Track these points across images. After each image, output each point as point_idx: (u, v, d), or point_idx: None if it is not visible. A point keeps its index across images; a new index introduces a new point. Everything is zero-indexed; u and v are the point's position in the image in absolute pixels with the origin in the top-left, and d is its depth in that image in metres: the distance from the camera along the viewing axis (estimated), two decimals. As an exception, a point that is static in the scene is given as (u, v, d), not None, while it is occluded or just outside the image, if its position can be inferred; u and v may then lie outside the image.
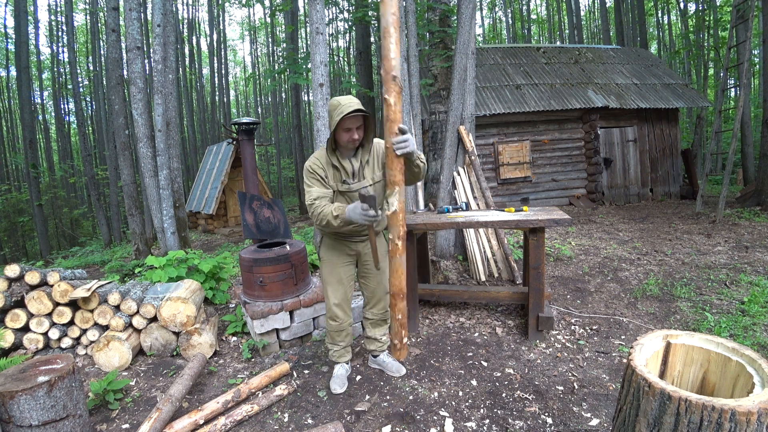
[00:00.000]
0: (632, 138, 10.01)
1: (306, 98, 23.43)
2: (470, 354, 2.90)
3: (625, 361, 2.18)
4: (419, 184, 4.43)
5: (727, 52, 7.77)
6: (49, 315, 3.07)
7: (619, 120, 9.87)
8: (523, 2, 25.65)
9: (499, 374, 2.63)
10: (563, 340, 3.04)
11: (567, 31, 23.56)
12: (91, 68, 18.80)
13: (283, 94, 27.02)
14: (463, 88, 4.62)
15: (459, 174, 4.71)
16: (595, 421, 2.13)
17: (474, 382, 2.56)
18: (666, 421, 1.22)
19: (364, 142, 2.33)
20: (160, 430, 2.09)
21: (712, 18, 16.88)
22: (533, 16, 26.94)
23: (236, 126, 4.76)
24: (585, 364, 2.70)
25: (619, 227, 7.03)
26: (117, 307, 3.14)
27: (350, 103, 2.16)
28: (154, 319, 3.12)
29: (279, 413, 2.36)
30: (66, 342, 3.12)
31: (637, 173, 10.14)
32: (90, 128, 20.26)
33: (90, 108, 20.80)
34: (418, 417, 2.24)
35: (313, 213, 2.22)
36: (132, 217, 6.54)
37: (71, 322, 3.12)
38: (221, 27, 24.21)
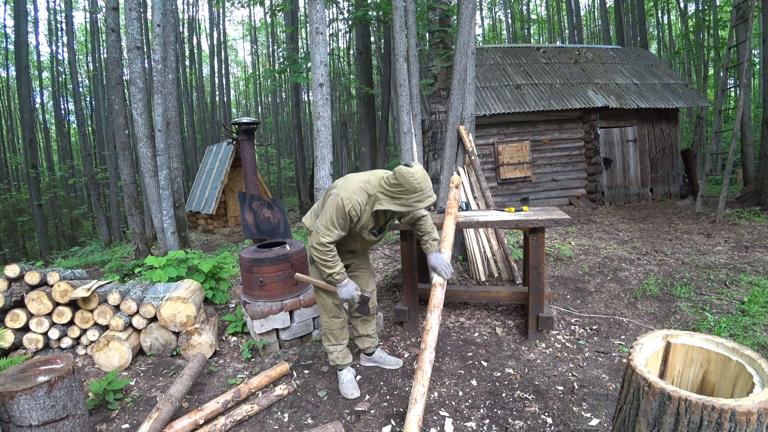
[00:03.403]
0: (632, 138, 10.01)
1: (306, 98, 23.43)
2: (470, 354, 2.90)
3: (625, 361, 2.18)
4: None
5: (727, 52, 7.77)
6: (49, 315, 3.07)
7: (619, 120, 9.87)
8: (523, 2, 25.64)
9: (499, 374, 2.63)
10: (563, 340, 3.04)
11: (567, 31, 23.56)
12: (91, 68, 18.79)
13: (283, 94, 27.03)
14: (463, 88, 4.62)
15: (459, 174, 4.71)
16: (595, 421, 2.13)
17: (474, 382, 2.56)
18: (666, 421, 1.22)
19: None
20: (159, 430, 2.09)
21: (712, 18, 16.88)
22: (533, 16, 26.93)
23: (236, 126, 4.76)
24: (585, 364, 2.70)
25: (619, 227, 7.02)
26: (117, 307, 3.14)
27: (430, 194, 2.12)
28: (154, 319, 3.12)
29: (279, 413, 2.36)
30: (66, 342, 3.12)
31: (637, 173, 10.13)
32: (90, 128, 20.24)
33: (90, 108, 20.79)
34: (418, 417, 2.24)
35: (323, 253, 2.19)
36: (132, 217, 6.53)
37: (71, 322, 3.12)
38: (221, 27, 24.21)
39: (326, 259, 2.20)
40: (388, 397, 2.45)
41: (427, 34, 6.92)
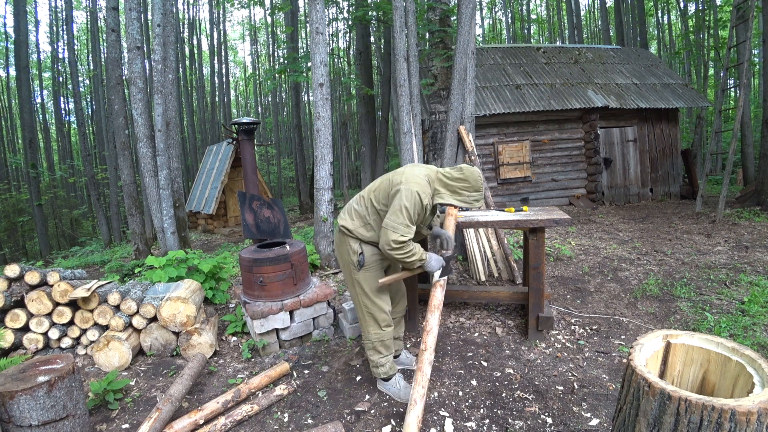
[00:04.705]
0: (632, 138, 10.01)
1: (306, 98, 23.45)
2: (470, 354, 2.90)
3: (625, 361, 2.18)
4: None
5: (727, 52, 7.77)
6: (49, 315, 3.07)
7: (619, 120, 9.87)
8: (523, 2, 25.64)
9: (499, 374, 2.63)
10: (563, 340, 3.04)
11: (567, 31, 23.56)
12: (91, 68, 18.79)
13: (283, 94, 27.03)
14: (463, 88, 4.62)
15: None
16: (595, 421, 2.13)
17: (474, 382, 2.56)
18: (666, 421, 1.22)
19: None
20: (159, 430, 2.09)
21: (712, 18, 16.88)
22: (533, 16, 26.93)
23: (236, 126, 4.75)
24: (585, 364, 2.70)
25: (619, 227, 7.02)
26: (117, 307, 3.14)
27: (483, 192, 2.27)
28: (154, 319, 3.12)
29: (279, 413, 2.36)
30: (66, 342, 3.12)
31: (637, 173, 10.13)
32: (90, 128, 20.24)
33: (90, 108, 20.79)
34: (418, 417, 2.24)
35: (403, 248, 2.12)
36: (132, 217, 6.54)
37: (71, 322, 3.12)
38: (222, 27, 24.21)
39: (408, 251, 2.13)
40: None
41: (427, 34, 6.93)
